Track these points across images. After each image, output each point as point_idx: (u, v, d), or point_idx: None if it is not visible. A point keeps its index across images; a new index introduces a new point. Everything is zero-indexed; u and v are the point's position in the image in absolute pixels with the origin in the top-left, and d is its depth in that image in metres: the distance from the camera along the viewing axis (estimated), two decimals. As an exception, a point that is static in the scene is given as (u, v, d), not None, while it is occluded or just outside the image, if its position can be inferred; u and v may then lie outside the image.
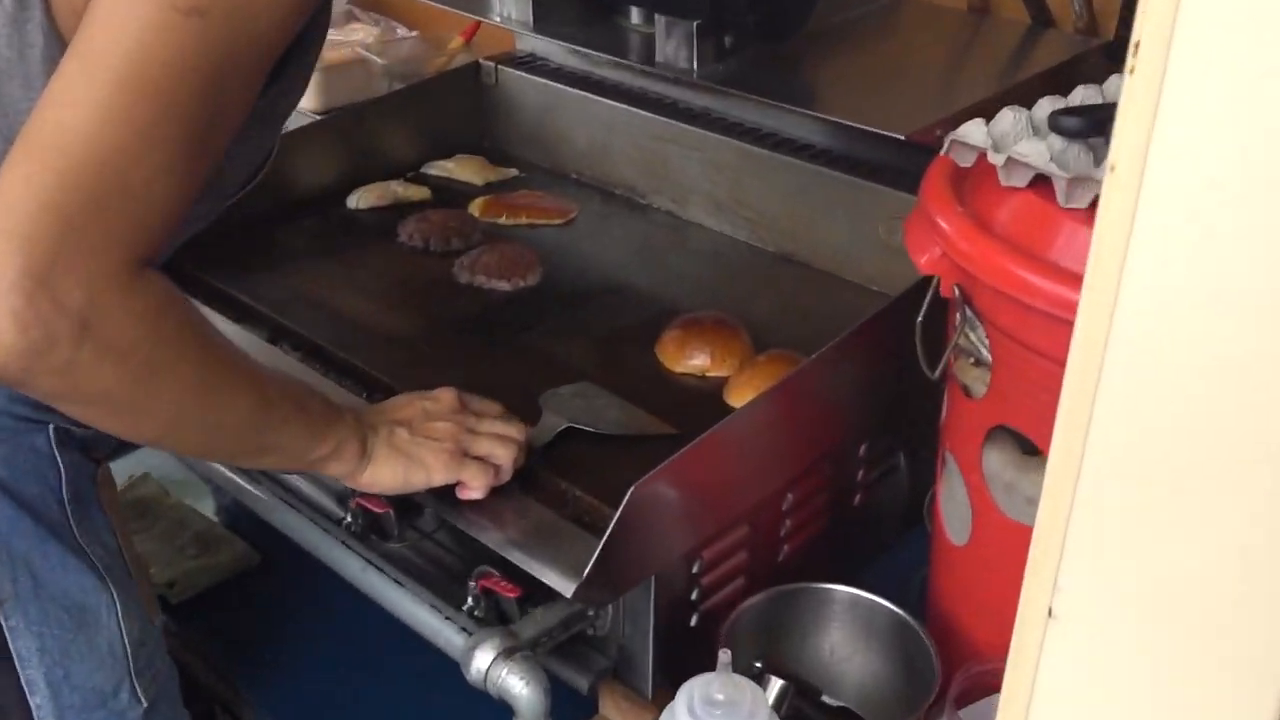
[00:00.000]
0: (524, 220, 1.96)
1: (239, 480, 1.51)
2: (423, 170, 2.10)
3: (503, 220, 1.97)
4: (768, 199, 1.85)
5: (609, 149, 2.03)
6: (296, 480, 1.51)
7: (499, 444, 1.30)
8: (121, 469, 1.78)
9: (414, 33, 2.48)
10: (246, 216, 1.76)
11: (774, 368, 1.52)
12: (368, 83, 2.36)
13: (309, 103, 2.26)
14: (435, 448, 1.27)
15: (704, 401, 1.52)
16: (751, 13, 1.66)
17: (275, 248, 1.85)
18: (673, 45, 1.67)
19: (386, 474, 1.25)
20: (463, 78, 2.17)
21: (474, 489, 1.29)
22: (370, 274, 1.80)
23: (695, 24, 1.64)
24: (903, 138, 1.43)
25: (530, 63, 2.14)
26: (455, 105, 2.15)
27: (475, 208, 1.99)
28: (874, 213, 1.71)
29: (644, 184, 2.01)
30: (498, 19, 1.87)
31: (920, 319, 1.25)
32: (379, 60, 2.35)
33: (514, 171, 2.12)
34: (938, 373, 1.26)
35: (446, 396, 1.33)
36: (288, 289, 1.75)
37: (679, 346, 1.60)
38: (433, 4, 1.92)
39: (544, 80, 2.10)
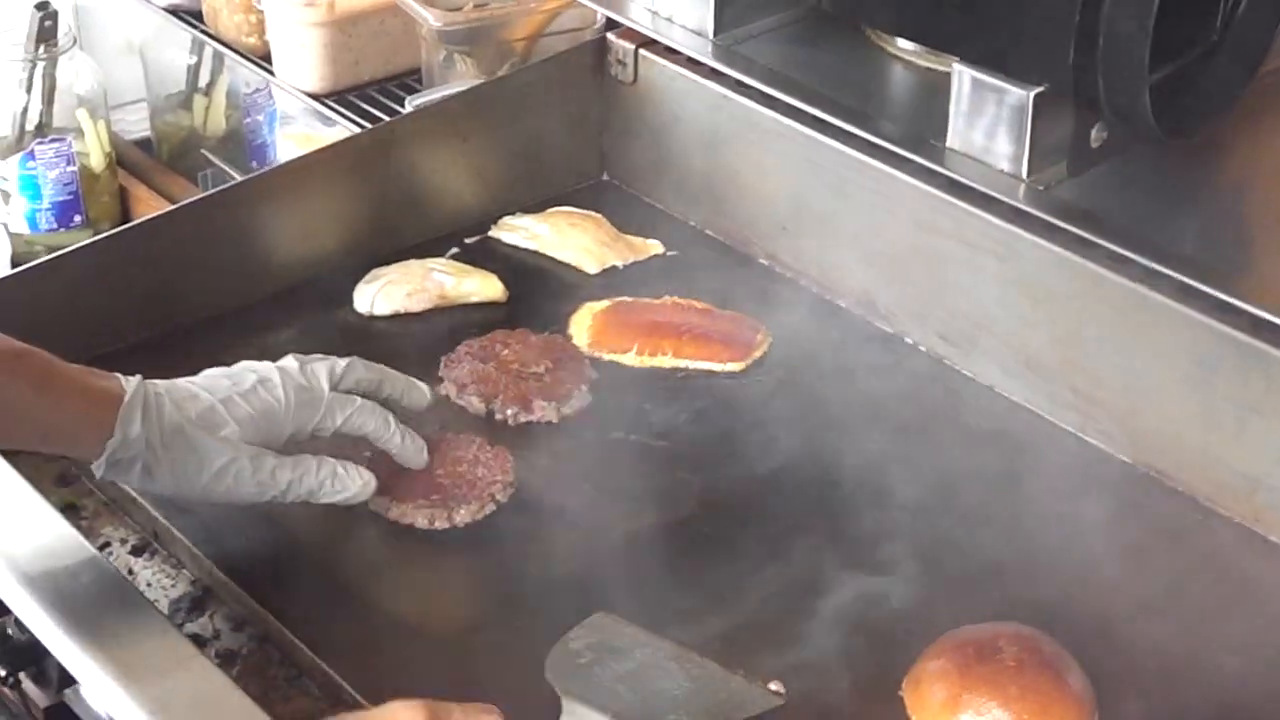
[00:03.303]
0: (669, 359, 1.46)
1: None
2: (491, 234, 1.64)
3: (629, 359, 1.47)
4: (1122, 368, 1.42)
5: (833, 226, 1.57)
6: None
7: None
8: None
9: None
10: (169, 320, 1.45)
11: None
12: (407, 54, 1.89)
13: (304, 81, 1.85)
14: None
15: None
16: (1154, 77, 1.29)
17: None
18: (984, 125, 1.36)
19: None
20: (575, 66, 1.71)
21: None
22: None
23: (1034, 94, 1.34)
24: None
25: (698, 51, 1.71)
26: (558, 116, 1.70)
27: (581, 329, 1.50)
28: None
29: (894, 300, 1.57)
30: (646, 18, 1.53)
31: None
32: (431, 19, 1.78)
33: (656, 247, 1.64)
34: None
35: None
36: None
37: (949, 701, 1.18)
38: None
39: (720, 88, 1.61)
